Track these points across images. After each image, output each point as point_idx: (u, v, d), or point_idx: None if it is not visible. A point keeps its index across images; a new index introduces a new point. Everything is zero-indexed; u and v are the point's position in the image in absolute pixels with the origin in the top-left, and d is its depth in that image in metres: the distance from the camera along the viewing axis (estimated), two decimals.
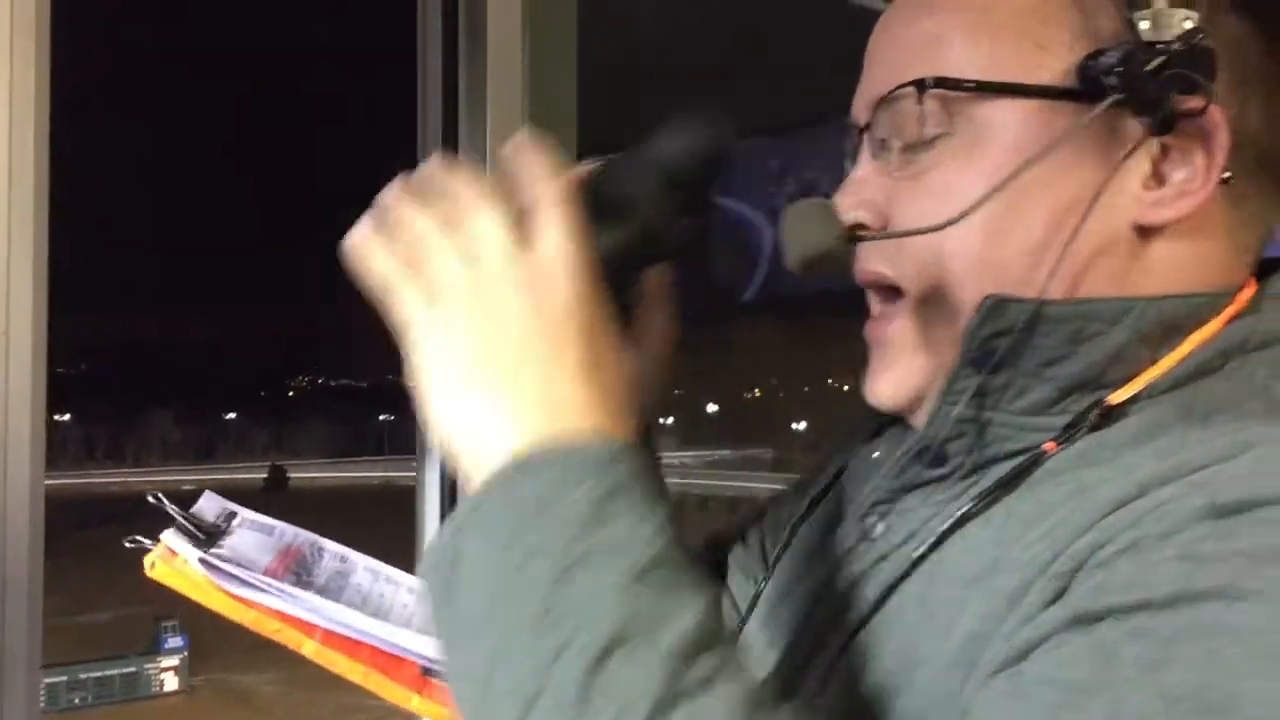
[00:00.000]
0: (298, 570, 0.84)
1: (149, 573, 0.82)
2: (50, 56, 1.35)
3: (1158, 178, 0.62)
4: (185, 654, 26.24)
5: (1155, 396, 0.60)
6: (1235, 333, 0.61)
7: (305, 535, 0.92)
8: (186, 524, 0.81)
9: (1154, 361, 0.61)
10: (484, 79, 1.66)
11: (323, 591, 0.83)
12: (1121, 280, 0.62)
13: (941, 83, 0.62)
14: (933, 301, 0.64)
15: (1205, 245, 0.63)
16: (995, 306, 0.60)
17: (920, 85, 0.62)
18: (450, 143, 1.78)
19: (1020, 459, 0.61)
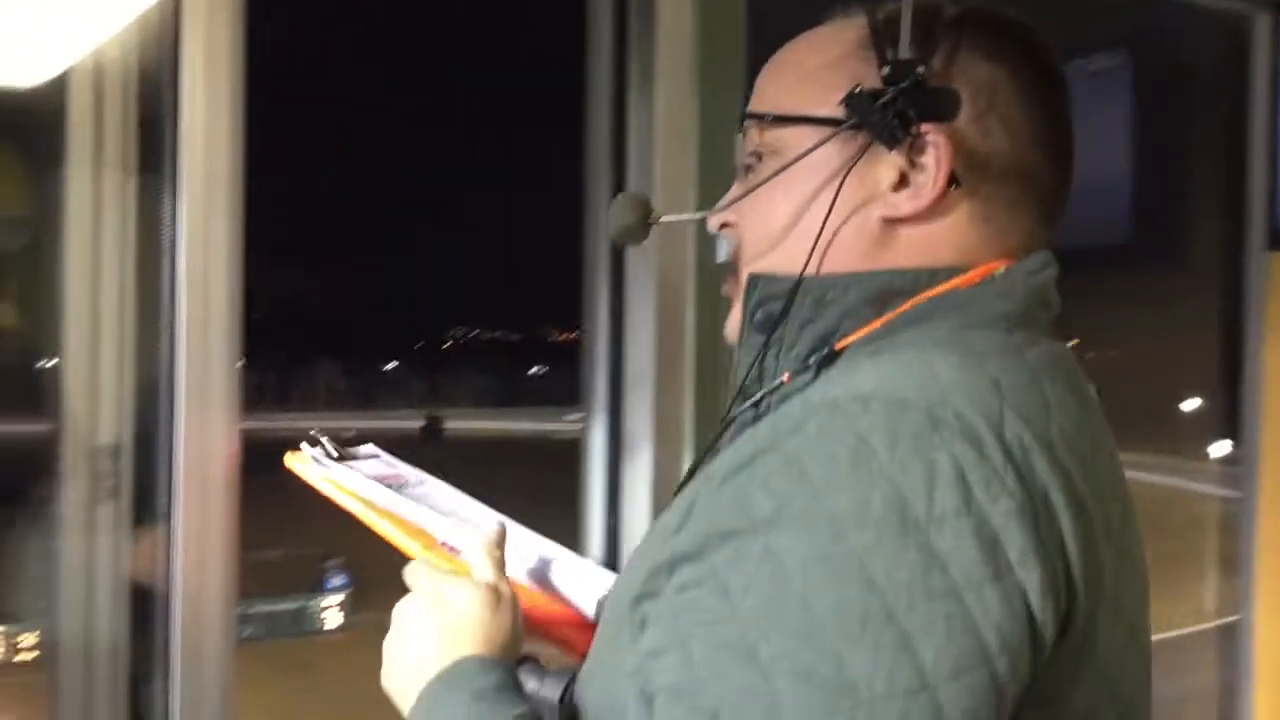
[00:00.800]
0: (395, 485, 1.14)
1: (285, 461, 1.15)
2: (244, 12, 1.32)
3: (903, 182, 0.84)
4: (348, 593, 27.33)
5: (870, 344, 0.81)
6: (946, 298, 0.83)
7: (416, 472, 1.19)
8: (325, 445, 1.14)
9: (879, 317, 0.82)
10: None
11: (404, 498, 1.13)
12: (869, 258, 0.86)
13: (752, 116, 0.89)
14: (745, 270, 0.90)
15: (939, 233, 0.85)
16: (752, 279, 0.88)
17: (742, 118, 0.90)
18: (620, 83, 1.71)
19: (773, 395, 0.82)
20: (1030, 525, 0.70)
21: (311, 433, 1.20)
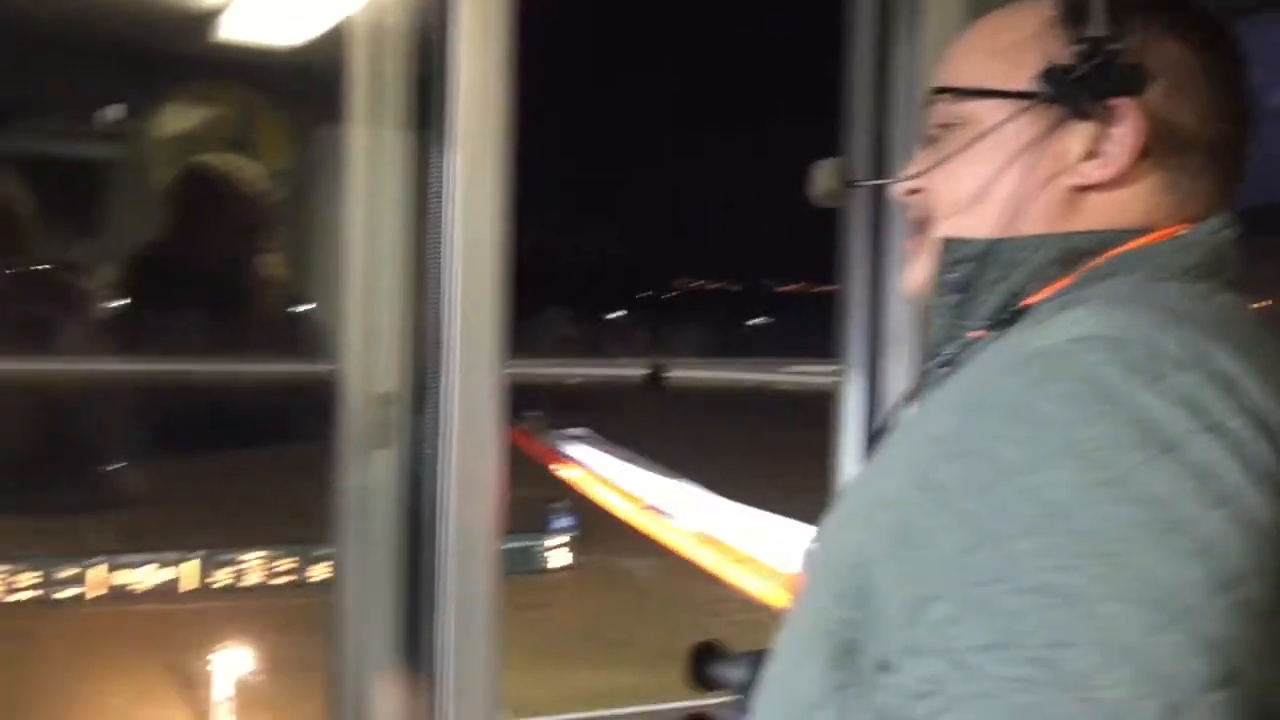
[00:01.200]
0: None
1: (512, 436, 1.17)
2: None
3: (1093, 153, 0.88)
4: (573, 535, 28.28)
5: (1057, 299, 0.84)
6: (1129, 255, 0.87)
7: (624, 450, 1.27)
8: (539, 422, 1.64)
9: (1064, 277, 0.86)
10: None
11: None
12: (1056, 222, 0.89)
13: (945, 90, 0.93)
14: (935, 230, 0.94)
15: (1125, 199, 0.88)
16: (945, 242, 0.92)
17: (935, 91, 0.94)
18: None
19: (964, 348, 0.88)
20: (1272, 443, 0.71)
21: (528, 414, 1.28)
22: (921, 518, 0.75)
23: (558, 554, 29.81)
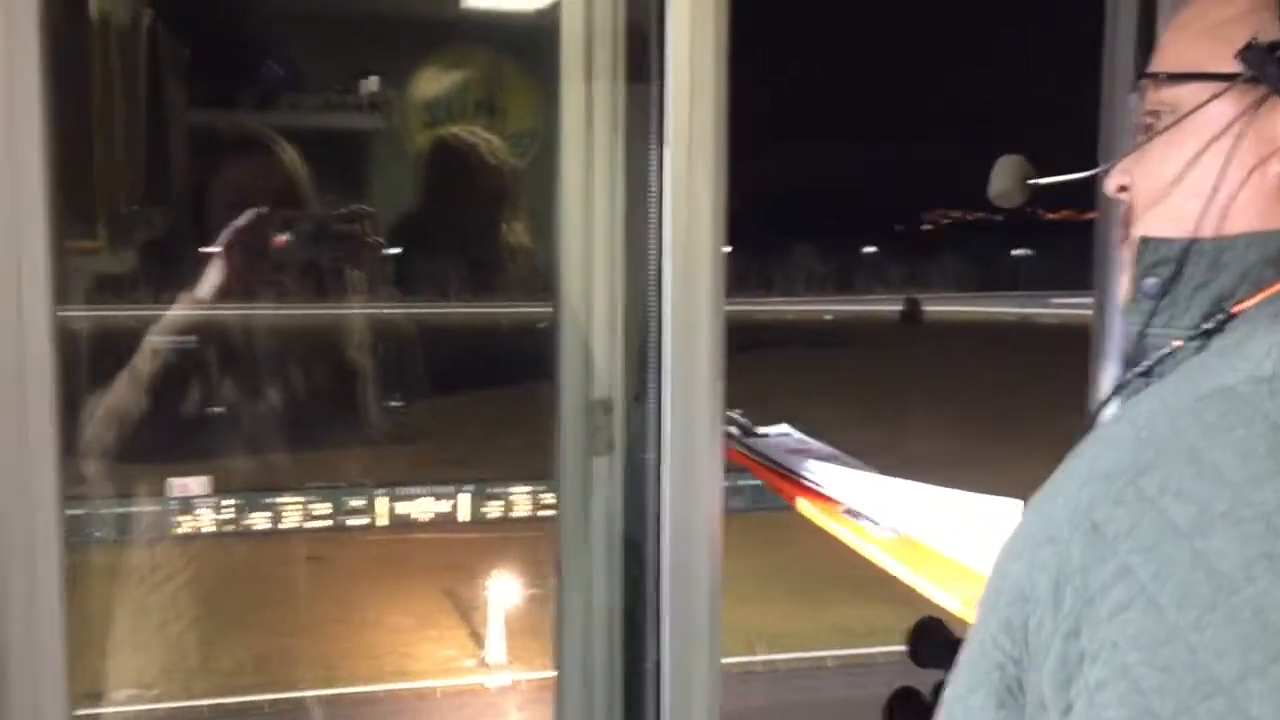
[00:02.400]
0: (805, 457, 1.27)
1: None
2: None
3: None
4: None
5: (1272, 306, 0.78)
6: None
7: (827, 449, 1.27)
8: (738, 426, 1.34)
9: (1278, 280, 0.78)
10: None
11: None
12: (1268, 217, 0.80)
13: (1148, 75, 0.87)
14: (1135, 230, 0.87)
15: None
16: (1143, 242, 0.85)
17: (1138, 77, 0.89)
18: None
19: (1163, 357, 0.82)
20: None
21: (728, 413, 1.36)
22: (1083, 563, 0.70)
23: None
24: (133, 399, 1.85)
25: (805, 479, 1.26)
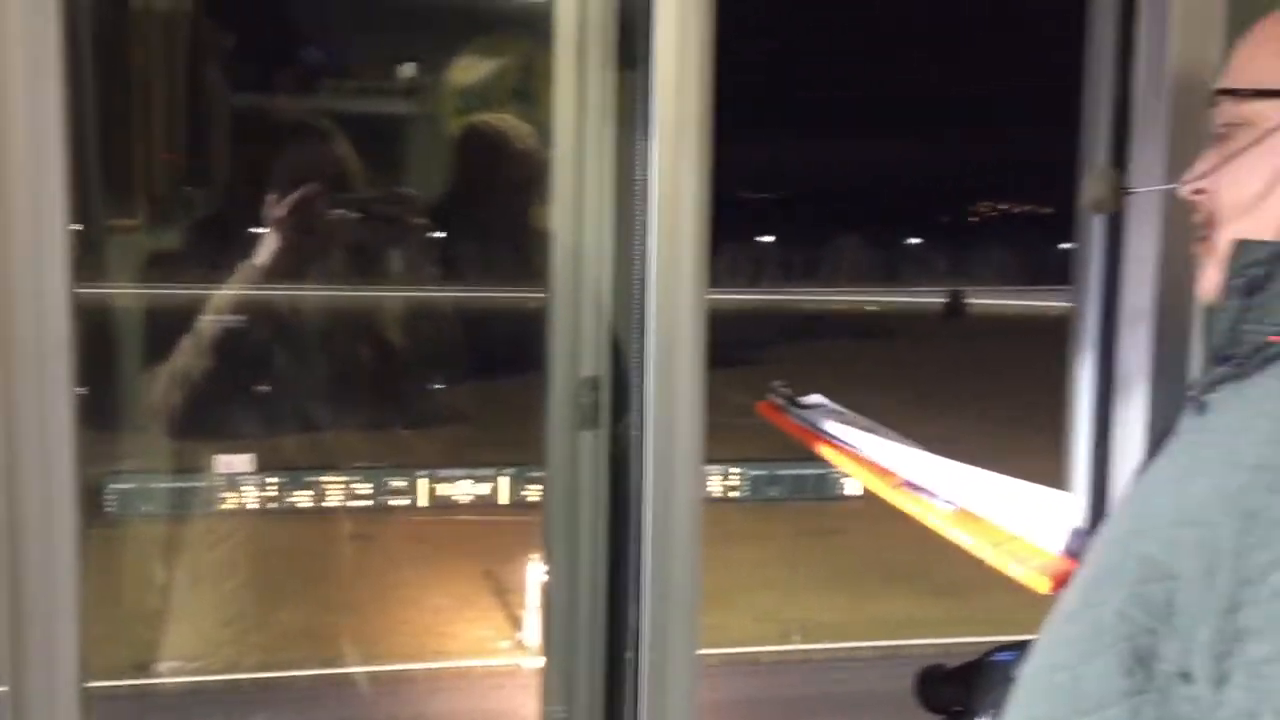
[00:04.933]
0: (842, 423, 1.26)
1: (758, 407, 1.30)
2: None
3: None
4: None
5: None
6: None
7: (865, 420, 1.27)
8: (782, 395, 1.26)
9: None
10: None
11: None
12: None
13: (1226, 91, 0.95)
14: (1223, 233, 0.95)
15: None
16: (1238, 245, 0.91)
17: (1218, 92, 0.95)
18: None
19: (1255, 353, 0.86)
20: None
21: (774, 383, 1.37)
22: (1237, 546, 0.74)
23: (852, 481, 29.77)
24: (197, 365, 1.90)
25: (861, 451, 1.29)
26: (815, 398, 1.38)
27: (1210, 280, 0.96)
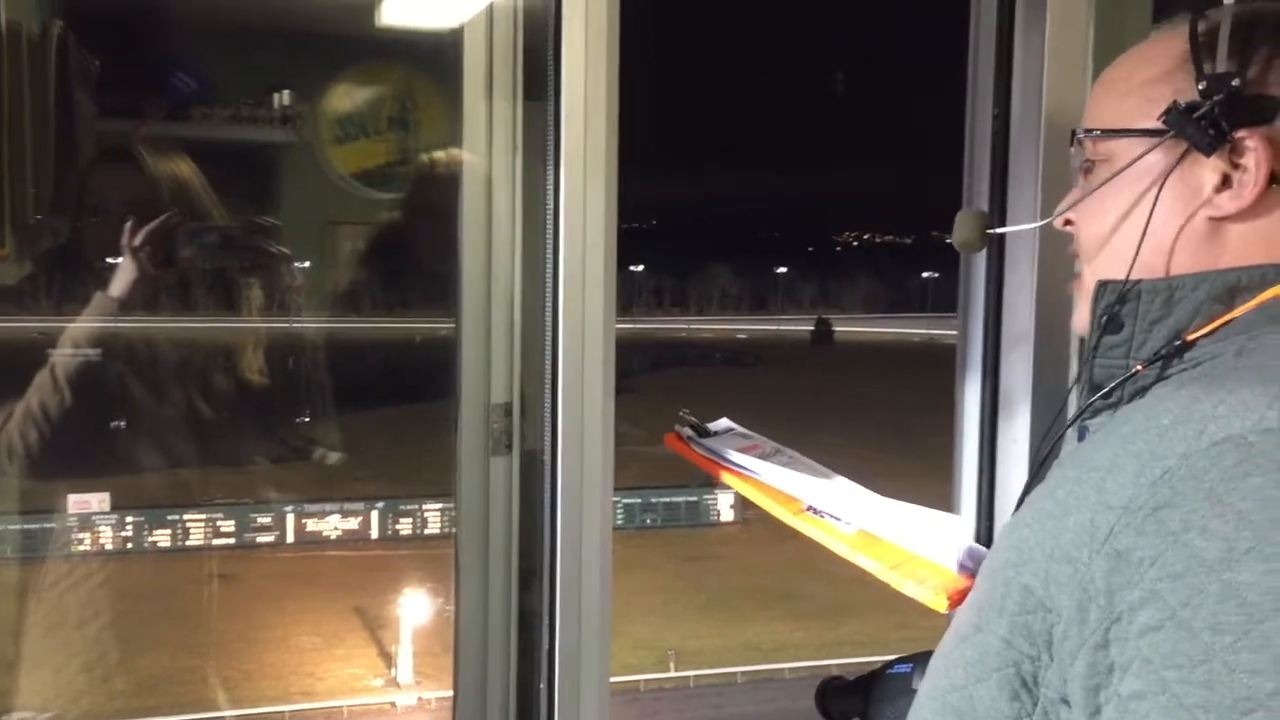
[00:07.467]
0: (757, 455, 1.25)
1: (666, 440, 1.26)
2: None
3: (1227, 184, 0.89)
4: None
5: (1228, 340, 0.87)
6: None
7: (771, 443, 1.29)
8: (689, 426, 1.26)
9: (1226, 313, 0.88)
10: None
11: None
12: (1203, 257, 0.91)
13: (1086, 130, 0.97)
14: (1087, 271, 0.98)
15: (1270, 229, 0.90)
16: (1100, 286, 0.94)
17: (1076, 132, 0.99)
18: None
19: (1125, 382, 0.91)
20: None
21: (682, 413, 1.35)
22: (1108, 585, 0.77)
23: (727, 508, 30.13)
24: (52, 401, 1.82)
25: (764, 479, 1.29)
26: (723, 422, 1.38)
27: (1081, 318, 1.00)
